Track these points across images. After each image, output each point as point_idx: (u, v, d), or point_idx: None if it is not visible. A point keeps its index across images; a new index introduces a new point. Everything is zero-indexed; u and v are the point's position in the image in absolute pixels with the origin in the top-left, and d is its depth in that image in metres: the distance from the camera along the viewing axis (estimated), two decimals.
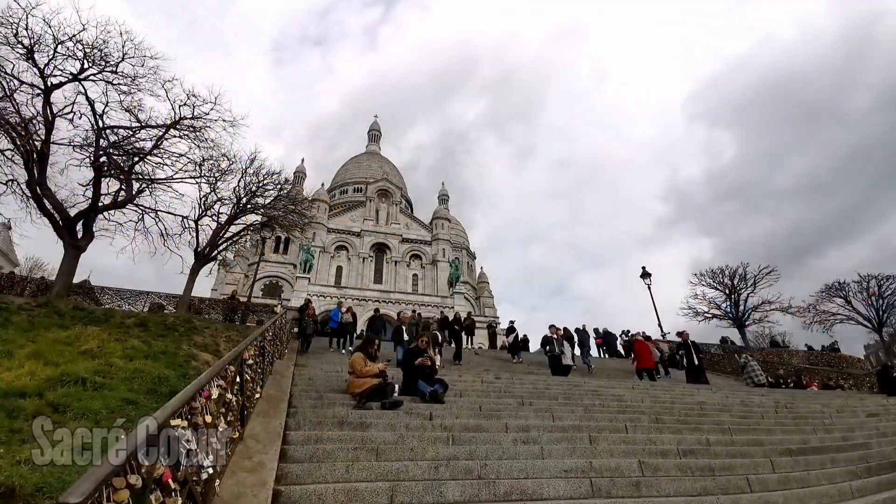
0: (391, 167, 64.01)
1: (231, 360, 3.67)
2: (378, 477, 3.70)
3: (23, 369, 5.60)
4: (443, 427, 5.21)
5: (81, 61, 14.25)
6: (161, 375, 6.35)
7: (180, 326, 10.57)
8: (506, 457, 4.36)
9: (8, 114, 13.41)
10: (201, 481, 2.51)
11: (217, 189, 17.98)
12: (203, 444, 2.62)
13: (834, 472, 5.00)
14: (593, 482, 3.88)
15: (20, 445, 3.66)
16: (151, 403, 5.22)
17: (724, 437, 5.96)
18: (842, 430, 7.26)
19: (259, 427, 4.28)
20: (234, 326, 14.79)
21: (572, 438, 5.11)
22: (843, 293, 30.95)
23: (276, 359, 7.55)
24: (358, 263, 44.69)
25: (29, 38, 13.50)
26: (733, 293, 31.51)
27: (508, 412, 6.15)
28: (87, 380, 5.44)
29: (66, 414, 4.47)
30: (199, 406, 2.64)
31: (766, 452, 5.34)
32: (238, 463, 3.44)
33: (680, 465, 4.59)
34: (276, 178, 19.36)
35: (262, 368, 5.44)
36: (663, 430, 5.92)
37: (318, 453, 4.05)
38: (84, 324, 9.14)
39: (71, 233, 14.35)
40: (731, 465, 4.77)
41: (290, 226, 21.19)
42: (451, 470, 3.90)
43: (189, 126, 16.07)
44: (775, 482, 4.44)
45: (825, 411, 8.57)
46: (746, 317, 30.59)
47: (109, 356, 6.75)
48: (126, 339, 8.10)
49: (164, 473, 2.00)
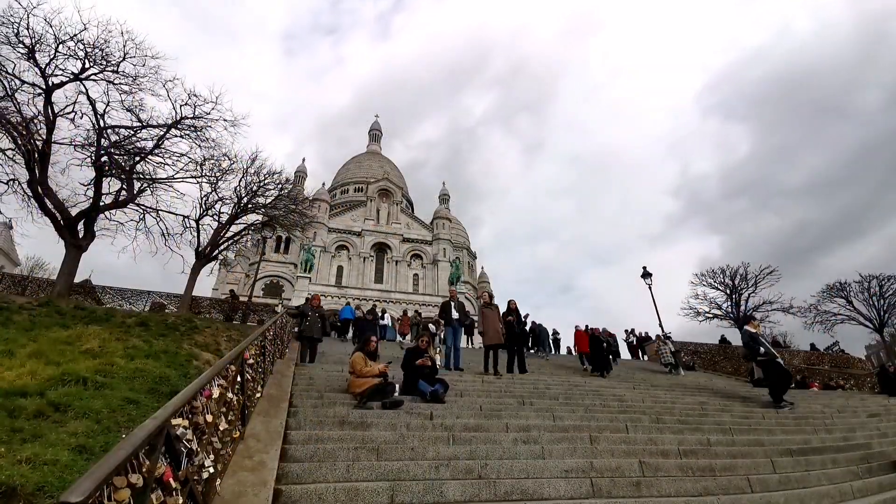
0: (392, 167, 64.01)
1: (232, 359, 3.67)
2: (378, 476, 3.70)
3: (24, 368, 5.61)
4: (443, 427, 5.21)
5: (82, 61, 14.29)
6: (162, 375, 6.36)
7: (181, 326, 10.58)
8: (506, 457, 4.36)
9: (9, 113, 13.44)
10: (202, 480, 2.51)
11: (218, 189, 18.08)
12: (204, 444, 2.63)
13: (835, 472, 4.99)
14: (594, 482, 3.88)
15: (21, 445, 3.66)
16: (152, 403, 5.23)
17: (725, 437, 5.95)
18: (843, 430, 7.25)
19: (260, 426, 4.28)
20: (235, 326, 14.80)
21: (573, 438, 5.11)
22: (845, 293, 30.92)
23: (277, 358, 7.56)
24: (359, 263, 44.71)
25: (30, 38, 13.54)
26: (734, 293, 31.48)
27: (509, 412, 6.15)
28: (89, 379, 5.45)
29: (68, 413, 4.48)
30: (200, 405, 2.64)
31: (767, 452, 5.33)
32: (239, 462, 3.44)
33: (681, 465, 4.59)
34: (277, 177, 19.45)
35: (262, 368, 5.45)
36: (664, 430, 5.92)
37: (319, 453, 4.05)
38: (85, 323, 9.15)
39: (72, 232, 14.38)
40: (732, 465, 4.77)
41: (291, 225, 21.25)
42: (452, 470, 3.90)
43: (190, 126, 16.12)
44: (776, 482, 4.44)
45: (826, 412, 8.56)
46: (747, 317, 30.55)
47: (110, 355, 6.76)
48: (127, 339, 8.11)
49: (164, 472, 2.00)
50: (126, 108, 15.29)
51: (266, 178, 18.89)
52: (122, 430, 4.33)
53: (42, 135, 13.96)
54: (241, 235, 20.37)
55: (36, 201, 13.97)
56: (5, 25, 13.29)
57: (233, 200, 18.39)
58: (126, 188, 15.85)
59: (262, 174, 18.73)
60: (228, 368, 3.48)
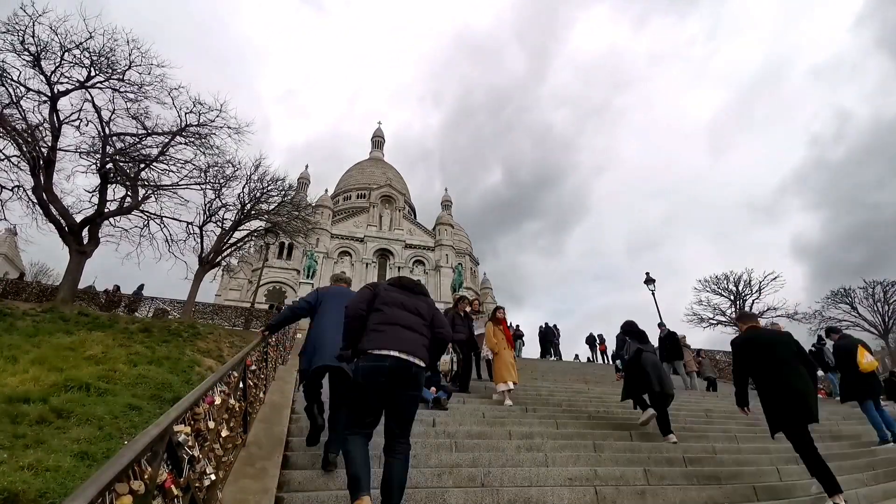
0: (395, 173, 64.17)
1: (234, 365, 3.66)
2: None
3: (27, 374, 5.63)
4: (446, 434, 5.18)
5: (88, 69, 14.42)
6: (164, 381, 6.37)
7: (184, 332, 10.59)
8: (509, 464, 4.32)
9: (14, 120, 13.55)
10: (203, 488, 2.50)
11: (222, 195, 18.17)
12: (206, 451, 2.62)
13: (840, 480, 4.93)
14: (598, 490, 3.84)
15: (24, 450, 3.67)
16: (155, 409, 5.24)
17: (730, 444, 5.90)
18: (848, 437, 7.18)
19: (262, 433, 4.26)
20: (237, 332, 14.81)
21: (576, 446, 5.07)
22: (849, 299, 30.80)
23: (280, 364, 7.54)
24: (361, 269, 44.76)
25: (35, 46, 13.67)
26: (738, 299, 31.38)
27: (512, 419, 6.12)
28: (91, 385, 5.46)
29: (70, 419, 4.49)
30: (202, 412, 2.63)
31: (773, 460, 5.28)
32: (241, 469, 3.43)
33: (686, 473, 4.54)
34: (281, 184, 19.52)
35: (265, 374, 5.43)
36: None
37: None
38: (88, 329, 9.19)
39: (77, 239, 14.44)
40: (738, 473, 4.71)
41: (294, 232, 21.32)
42: (455, 477, 3.87)
43: (195, 133, 16.23)
44: (782, 490, 4.39)
45: (832, 419, 8.47)
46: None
47: (113, 362, 6.78)
48: (130, 345, 8.13)
49: (166, 479, 1.99)
50: (131, 116, 15.43)
51: (269, 185, 19.00)
52: (125, 436, 4.33)
53: (47, 142, 14.05)
54: (245, 242, 20.44)
55: (41, 208, 14.05)
56: (11, 33, 13.43)
57: (236, 207, 18.48)
58: (130, 195, 15.95)
59: (265, 180, 18.86)
60: (231, 375, 3.48)
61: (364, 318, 3.22)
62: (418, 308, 3.33)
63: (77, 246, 14.37)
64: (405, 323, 3.19)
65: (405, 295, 3.38)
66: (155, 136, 15.88)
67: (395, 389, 2.99)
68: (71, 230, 14.36)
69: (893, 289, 29.75)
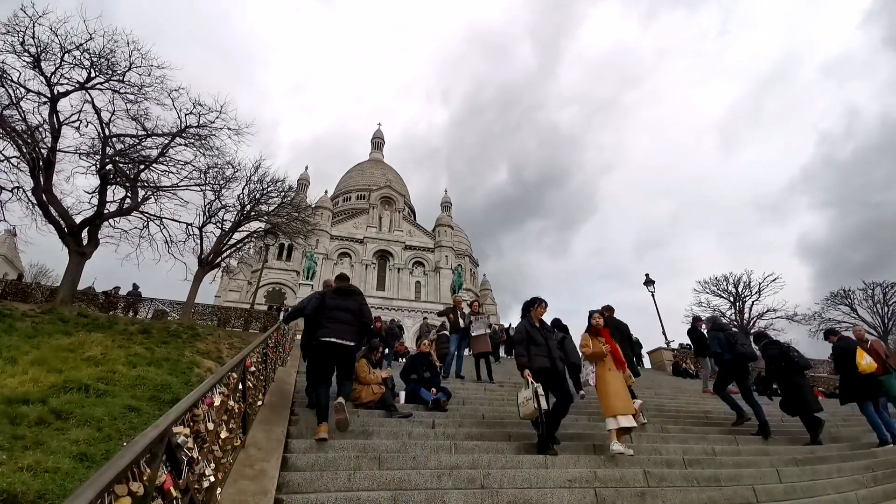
0: (394, 174, 64.23)
1: (233, 367, 3.66)
2: (380, 486, 3.67)
3: (26, 376, 5.63)
4: (445, 435, 5.18)
5: (88, 70, 14.40)
6: (164, 382, 6.36)
7: (183, 333, 10.59)
8: (509, 466, 4.32)
9: (14, 121, 13.53)
10: (202, 489, 2.50)
11: (221, 196, 18.13)
12: (205, 452, 2.61)
13: (840, 481, 4.93)
14: (598, 492, 3.83)
15: (23, 452, 3.66)
16: (154, 410, 5.23)
17: (730, 446, 5.90)
18: (848, 438, 7.19)
19: (261, 435, 4.26)
20: (237, 333, 14.80)
21: (576, 448, 5.07)
22: (849, 301, 30.81)
23: (279, 366, 7.54)
24: (361, 270, 44.76)
25: (36, 47, 13.64)
26: (738, 301, 31.40)
27: (511, 420, 6.11)
28: (90, 387, 5.45)
29: (69, 421, 4.48)
30: (201, 413, 2.63)
31: (773, 462, 5.28)
32: (240, 471, 3.43)
33: (686, 475, 4.54)
34: (280, 185, 19.52)
35: (264, 375, 5.43)
36: (669, 439, 5.87)
37: (320, 461, 4.03)
38: (88, 330, 9.17)
39: (76, 240, 14.41)
40: (738, 474, 4.71)
41: (294, 233, 21.29)
42: (454, 479, 3.87)
43: (194, 134, 16.21)
44: (781, 492, 4.39)
45: (832, 420, 8.47)
46: (751, 325, 30.43)
47: (113, 363, 6.77)
48: (129, 346, 8.12)
49: (165, 481, 1.99)
50: (131, 117, 15.40)
51: (269, 186, 19.00)
52: (124, 437, 4.32)
53: (47, 143, 14.03)
54: (244, 243, 20.42)
55: (40, 209, 14.03)
56: (11, 34, 13.41)
57: (236, 208, 18.46)
58: (130, 196, 15.93)
59: (265, 182, 18.85)
60: (230, 376, 3.48)
61: (317, 317, 5.12)
62: (349, 307, 5.11)
63: (76, 247, 14.35)
64: (341, 319, 5.00)
65: (341, 298, 5.19)
66: (155, 137, 15.86)
67: (337, 359, 5.06)
68: (70, 231, 14.34)
69: (893, 290, 29.76)
